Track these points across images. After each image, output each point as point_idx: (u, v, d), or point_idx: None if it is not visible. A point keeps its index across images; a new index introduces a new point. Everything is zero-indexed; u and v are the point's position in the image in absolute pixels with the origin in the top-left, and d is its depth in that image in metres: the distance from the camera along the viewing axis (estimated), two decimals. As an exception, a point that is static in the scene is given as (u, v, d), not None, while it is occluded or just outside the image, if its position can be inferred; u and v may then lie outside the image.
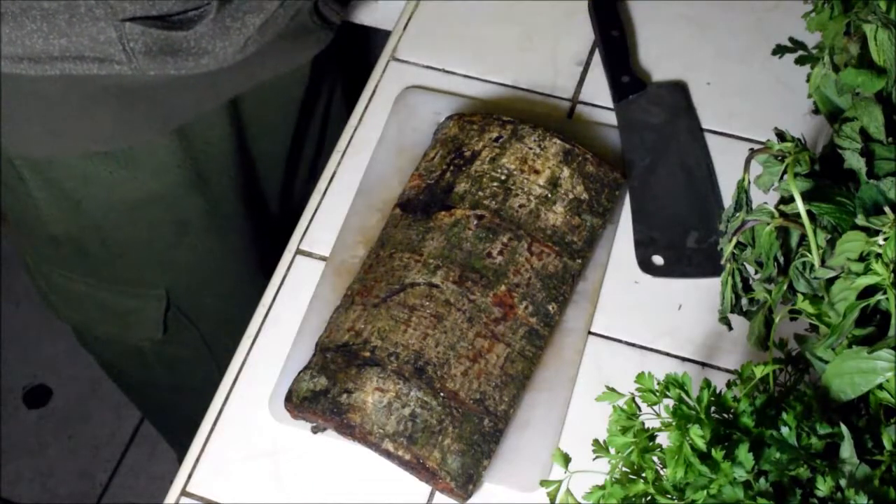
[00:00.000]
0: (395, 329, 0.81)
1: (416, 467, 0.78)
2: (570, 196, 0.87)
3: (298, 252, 0.92)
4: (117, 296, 1.12)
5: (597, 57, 1.01)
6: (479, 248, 0.84)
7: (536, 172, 0.87)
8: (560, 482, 0.63)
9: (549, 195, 0.86)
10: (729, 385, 0.64)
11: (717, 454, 0.57)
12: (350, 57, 1.27)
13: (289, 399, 0.81)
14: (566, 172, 0.87)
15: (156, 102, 0.95)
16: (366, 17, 1.19)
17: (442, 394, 0.78)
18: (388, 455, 0.78)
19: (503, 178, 0.87)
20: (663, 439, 0.60)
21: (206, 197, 1.07)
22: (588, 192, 0.87)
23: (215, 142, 1.04)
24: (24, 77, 0.88)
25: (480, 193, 0.86)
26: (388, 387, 0.78)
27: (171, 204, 1.05)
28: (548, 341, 0.84)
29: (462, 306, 0.81)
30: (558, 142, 0.88)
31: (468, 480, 0.77)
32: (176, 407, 1.39)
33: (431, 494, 0.80)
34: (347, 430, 0.78)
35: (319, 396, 0.79)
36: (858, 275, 0.62)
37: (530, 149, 0.88)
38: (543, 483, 0.64)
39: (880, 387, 0.62)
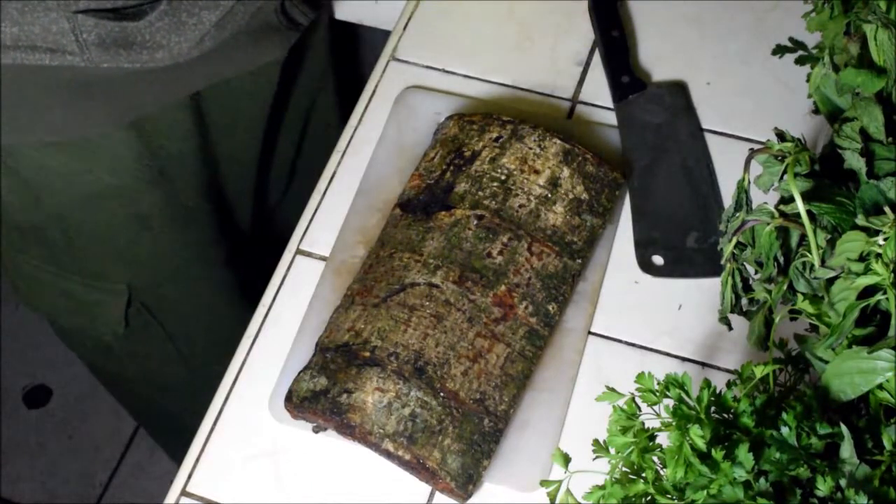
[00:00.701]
0: (395, 329, 0.81)
1: (416, 467, 0.78)
2: (570, 196, 0.87)
3: (298, 252, 0.92)
4: (81, 287, 1.12)
5: (597, 57, 1.01)
6: (479, 248, 0.84)
7: (536, 172, 0.87)
8: (560, 482, 0.63)
9: (549, 195, 0.86)
10: (729, 385, 0.64)
11: (717, 454, 0.57)
12: (348, 57, 1.27)
13: (289, 399, 0.81)
14: (566, 172, 0.87)
15: (111, 94, 0.95)
16: (366, 17, 1.19)
17: (442, 394, 0.78)
18: (388, 455, 0.78)
19: (503, 178, 0.87)
20: (663, 439, 0.60)
21: (167, 192, 1.06)
22: (588, 192, 0.87)
23: (176, 137, 1.03)
24: None
25: (480, 193, 0.86)
26: (388, 387, 0.78)
27: (129, 198, 1.05)
28: (548, 341, 0.84)
29: (462, 306, 0.81)
30: (558, 142, 0.88)
31: (468, 480, 0.78)
32: (154, 403, 1.39)
33: (431, 494, 0.80)
34: (347, 430, 0.78)
35: (319, 396, 0.79)
36: (858, 275, 0.62)
37: (530, 149, 0.88)
38: (543, 483, 0.64)
39: (880, 387, 0.62)
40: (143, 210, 1.07)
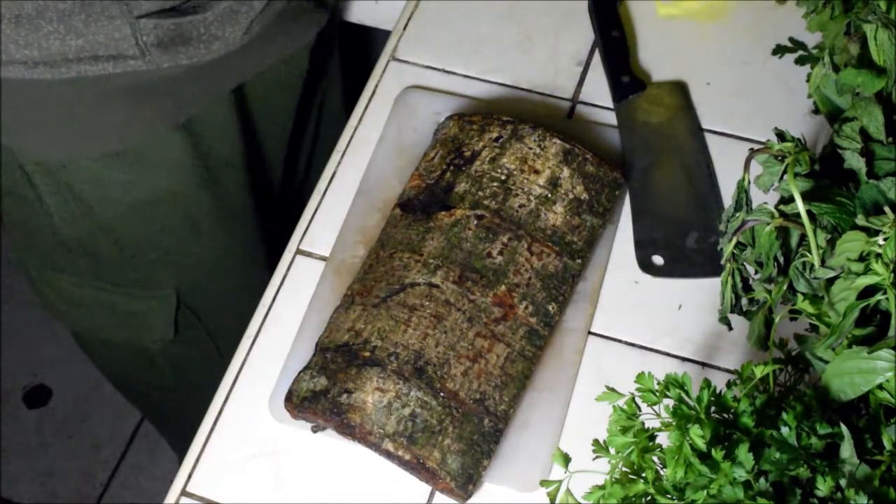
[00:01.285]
0: (395, 329, 0.81)
1: (416, 467, 0.78)
2: (570, 196, 0.87)
3: (298, 252, 0.92)
4: (128, 299, 1.12)
5: (597, 57, 1.01)
6: (479, 248, 0.84)
7: (536, 172, 0.87)
8: (560, 482, 0.63)
9: (549, 195, 0.86)
10: (729, 385, 0.64)
11: (717, 454, 0.57)
12: (350, 57, 1.27)
13: (289, 399, 0.81)
14: (566, 172, 0.87)
15: (165, 95, 0.95)
16: (366, 17, 1.19)
17: (442, 394, 0.78)
18: (388, 455, 0.78)
19: (503, 178, 0.87)
20: (663, 439, 0.60)
21: (216, 193, 1.07)
22: (588, 193, 0.87)
23: (222, 137, 1.04)
24: (40, 81, 0.89)
25: (480, 193, 0.86)
26: (388, 387, 0.78)
27: (182, 201, 1.05)
28: (548, 341, 0.84)
29: (462, 306, 0.81)
30: (558, 142, 0.88)
31: (468, 480, 0.77)
32: (181, 408, 1.39)
33: (431, 494, 0.80)
34: (347, 430, 0.78)
35: (319, 396, 0.79)
36: (858, 275, 0.62)
37: (530, 149, 0.88)
38: (543, 483, 0.64)
39: (880, 387, 0.62)
40: (194, 213, 1.07)
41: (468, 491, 0.78)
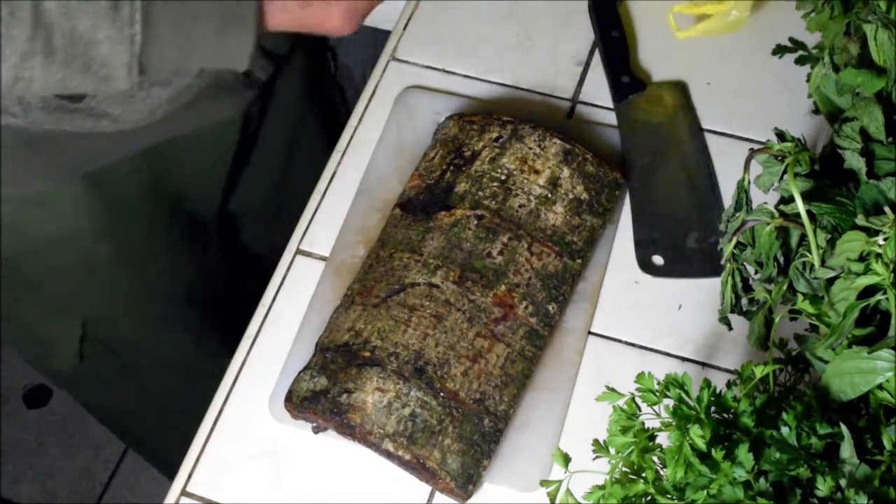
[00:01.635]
0: (395, 329, 0.81)
1: (416, 467, 0.78)
2: (570, 196, 0.87)
3: (298, 252, 0.92)
4: (37, 322, 1.13)
5: (597, 57, 1.01)
6: (479, 248, 0.84)
7: (536, 172, 0.87)
8: (560, 482, 0.63)
9: (550, 195, 0.86)
10: (729, 385, 0.64)
11: (717, 454, 0.57)
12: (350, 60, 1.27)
13: (289, 399, 0.81)
14: (566, 172, 0.87)
15: (58, 151, 0.93)
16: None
17: (442, 394, 0.78)
18: (388, 455, 0.78)
19: (503, 178, 0.87)
20: (663, 439, 0.60)
21: (119, 240, 1.06)
22: (588, 193, 0.87)
23: (131, 188, 1.03)
24: None
25: (480, 193, 0.86)
26: (388, 387, 0.78)
27: (79, 246, 1.04)
28: (548, 341, 0.84)
29: (462, 306, 0.81)
30: (558, 142, 0.88)
31: (468, 480, 0.78)
32: (125, 427, 1.42)
33: (431, 494, 0.80)
34: (347, 430, 0.78)
35: (319, 396, 0.79)
36: (858, 275, 0.62)
37: (530, 149, 0.88)
38: (543, 483, 0.64)
39: (880, 387, 0.62)
40: (93, 258, 1.06)
41: (468, 491, 0.78)
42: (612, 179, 0.89)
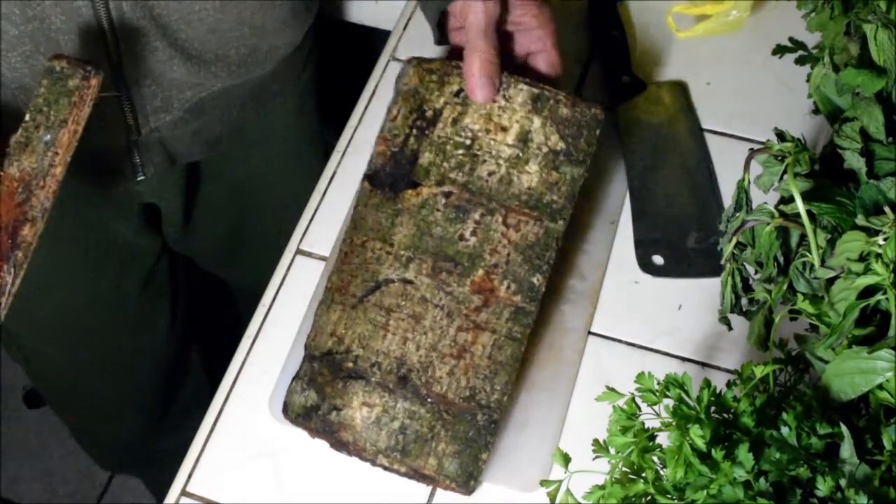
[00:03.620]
0: (375, 335, 0.79)
1: (415, 476, 0.78)
2: (545, 150, 0.81)
3: (298, 252, 0.92)
4: None
5: (597, 57, 1.01)
6: (449, 231, 0.80)
7: (503, 130, 0.82)
8: (560, 482, 0.63)
9: (521, 154, 0.81)
10: (729, 385, 0.64)
11: (717, 454, 0.57)
12: (350, 57, 1.27)
13: (285, 411, 0.81)
14: (537, 123, 0.82)
15: None
16: (366, 17, 1.19)
17: (430, 399, 0.77)
18: (384, 468, 0.78)
19: (468, 142, 0.82)
20: (663, 439, 0.60)
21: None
22: (564, 141, 0.82)
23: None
24: None
25: (446, 165, 0.82)
26: (374, 401, 0.78)
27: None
28: (538, 315, 0.80)
29: (439, 301, 0.79)
30: (525, 87, 0.82)
31: (469, 478, 0.77)
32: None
33: (431, 494, 0.80)
34: (342, 448, 0.78)
35: (311, 413, 0.79)
36: (858, 275, 0.62)
37: (494, 101, 0.82)
38: (543, 483, 0.64)
39: (880, 387, 0.62)
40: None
41: (470, 487, 0.78)
42: (591, 117, 0.82)
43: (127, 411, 1.35)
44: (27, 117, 0.72)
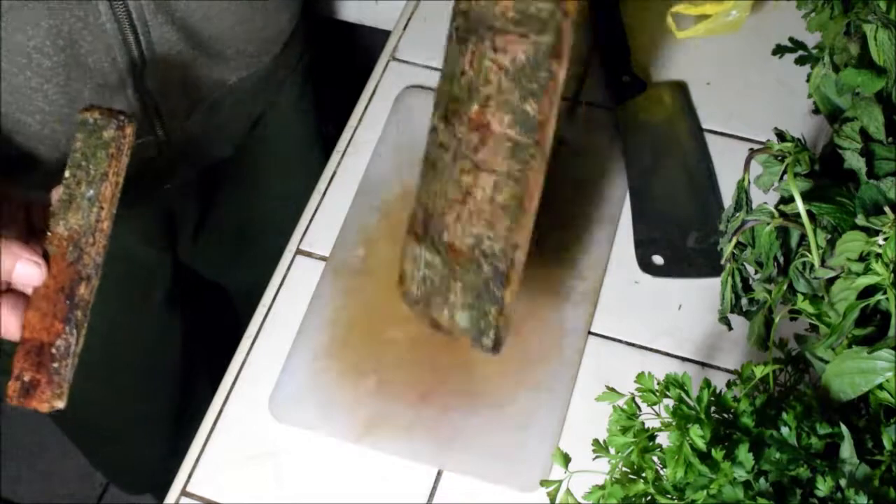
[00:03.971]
0: (421, 187, 0.76)
1: (438, 329, 0.75)
2: None
3: (298, 252, 0.92)
4: None
5: (597, 57, 1.01)
6: (455, 69, 0.74)
7: None
8: (560, 482, 0.63)
9: None
10: (729, 385, 0.64)
11: (717, 454, 0.57)
12: (350, 57, 1.27)
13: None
14: None
15: None
16: (366, 17, 1.19)
17: (441, 249, 0.74)
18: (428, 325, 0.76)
19: None
20: (663, 439, 0.60)
21: None
22: None
23: None
24: None
25: None
26: (410, 251, 0.76)
27: None
28: (538, 151, 0.72)
29: (448, 144, 0.74)
30: None
31: (480, 333, 0.73)
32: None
33: (431, 494, 0.80)
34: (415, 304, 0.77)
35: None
36: (858, 275, 0.62)
37: None
38: (543, 483, 0.64)
39: (880, 387, 0.62)
40: None
41: (484, 344, 0.73)
42: None
43: (146, 434, 1.35)
44: (66, 174, 0.71)
